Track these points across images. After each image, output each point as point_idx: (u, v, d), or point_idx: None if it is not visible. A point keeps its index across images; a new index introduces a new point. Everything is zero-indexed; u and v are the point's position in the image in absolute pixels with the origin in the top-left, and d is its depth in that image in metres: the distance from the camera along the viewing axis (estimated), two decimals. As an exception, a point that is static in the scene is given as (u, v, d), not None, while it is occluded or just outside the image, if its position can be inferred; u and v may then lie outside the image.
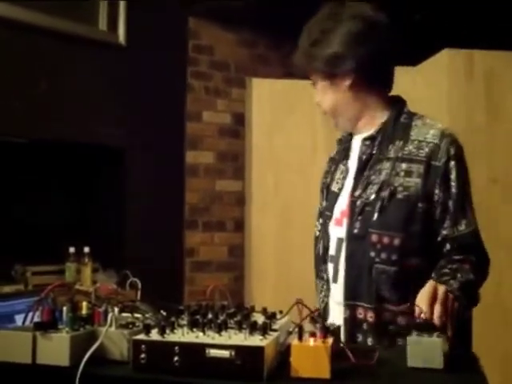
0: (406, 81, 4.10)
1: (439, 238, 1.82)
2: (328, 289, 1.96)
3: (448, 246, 1.82)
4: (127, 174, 4.06)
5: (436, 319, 1.48)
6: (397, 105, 1.98)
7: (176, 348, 1.30)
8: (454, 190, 1.82)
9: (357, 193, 1.88)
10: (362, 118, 1.95)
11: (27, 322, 1.47)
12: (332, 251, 1.93)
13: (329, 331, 1.35)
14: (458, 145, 1.89)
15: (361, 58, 1.86)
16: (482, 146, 3.71)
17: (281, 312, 1.57)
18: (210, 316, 1.45)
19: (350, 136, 2.03)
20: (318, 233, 2.06)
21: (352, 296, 1.85)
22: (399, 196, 1.80)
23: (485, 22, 4.48)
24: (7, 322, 2.04)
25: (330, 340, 1.33)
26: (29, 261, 3.54)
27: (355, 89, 1.91)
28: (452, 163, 1.84)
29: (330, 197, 2.00)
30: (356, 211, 1.85)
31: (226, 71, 4.76)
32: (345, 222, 1.89)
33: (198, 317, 1.43)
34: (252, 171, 4.58)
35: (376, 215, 1.81)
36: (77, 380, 1.29)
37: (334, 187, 1.99)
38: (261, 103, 4.57)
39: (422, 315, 1.47)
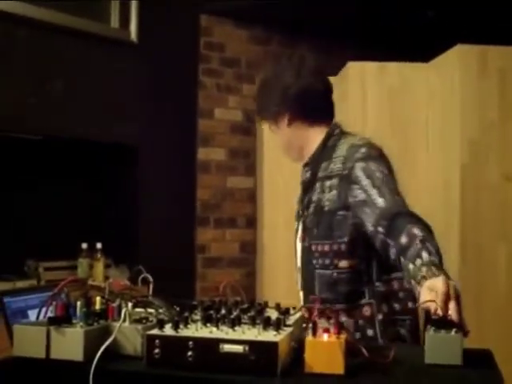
0: (419, 77, 4.09)
1: (370, 229, 1.90)
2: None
3: (380, 229, 1.86)
4: (140, 171, 4.07)
5: (454, 315, 1.47)
6: (329, 130, 2.19)
7: (190, 343, 1.30)
8: (363, 182, 1.97)
9: (303, 213, 2.17)
10: (305, 149, 2.20)
11: (41, 317, 1.48)
12: (298, 263, 2.19)
13: (343, 327, 1.35)
14: (366, 148, 2.07)
15: (291, 102, 2.16)
16: (494, 143, 3.69)
17: (294, 308, 1.56)
18: (223, 311, 1.45)
19: None
20: None
21: (308, 300, 2.10)
22: (325, 209, 2.06)
23: (498, 18, 4.46)
24: (20, 317, 2.04)
25: (344, 336, 1.32)
26: (41, 256, 3.56)
27: (294, 127, 2.19)
28: (358, 164, 2.01)
29: (296, 216, 2.27)
30: (304, 228, 2.15)
31: (238, 68, 4.76)
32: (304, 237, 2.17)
33: (211, 312, 1.43)
34: (263, 168, 4.58)
35: (314, 229, 2.08)
36: (91, 375, 1.29)
37: (298, 208, 2.26)
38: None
39: (439, 311, 1.46)
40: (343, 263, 2.02)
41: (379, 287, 2.02)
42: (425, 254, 1.69)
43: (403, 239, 1.76)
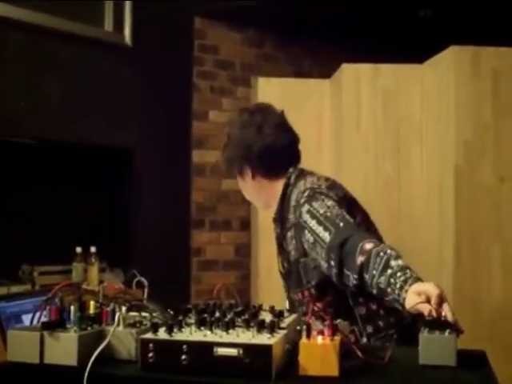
0: (413, 78, 4.10)
1: (324, 266, 1.90)
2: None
3: (333, 263, 1.84)
4: (134, 174, 4.07)
5: (449, 317, 1.47)
6: (286, 180, 2.19)
7: (184, 347, 1.30)
8: (310, 224, 1.97)
9: (282, 266, 2.22)
10: (271, 201, 2.23)
11: (35, 322, 1.47)
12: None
13: (337, 329, 1.35)
14: (308, 191, 2.06)
15: (253, 159, 2.19)
16: (488, 144, 3.70)
17: (288, 310, 1.56)
18: (217, 314, 1.45)
19: None
20: None
21: None
22: (291, 260, 2.12)
23: (492, 19, 4.47)
24: (14, 322, 2.04)
25: (339, 338, 1.32)
26: (36, 261, 3.55)
27: (257, 181, 2.22)
28: (303, 209, 2.02)
29: None
30: (284, 280, 2.23)
31: (232, 70, 4.76)
32: None
33: (205, 315, 1.43)
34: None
35: (290, 280, 2.15)
36: (85, 379, 1.29)
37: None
38: (266, 102, 4.56)
39: (433, 313, 1.46)
40: (319, 305, 2.00)
41: (358, 311, 2.03)
42: (392, 262, 1.68)
43: (359, 259, 1.74)
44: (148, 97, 4.15)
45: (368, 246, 1.75)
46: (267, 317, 1.48)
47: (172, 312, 1.51)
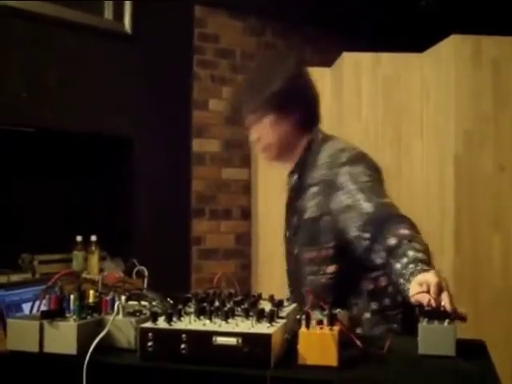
0: (413, 67, 4.09)
1: (354, 234, 1.89)
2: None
3: (366, 235, 1.85)
4: (134, 163, 4.07)
5: (448, 306, 1.47)
6: (310, 135, 2.18)
7: (183, 336, 1.30)
8: (350, 187, 1.95)
9: (289, 220, 2.19)
10: (288, 154, 2.18)
11: (34, 311, 1.47)
12: (289, 267, 2.24)
13: (336, 319, 1.35)
14: (350, 153, 2.06)
15: (280, 103, 2.11)
16: (489, 134, 3.69)
17: (288, 299, 1.56)
18: (217, 304, 1.45)
19: None
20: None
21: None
22: (311, 216, 2.06)
23: (492, 8, 4.45)
24: (14, 311, 2.04)
25: (338, 327, 1.32)
26: (36, 249, 3.55)
27: (278, 128, 2.13)
28: (343, 169, 2.00)
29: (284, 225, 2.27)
30: (292, 236, 2.17)
31: (232, 59, 4.75)
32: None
33: (205, 304, 1.43)
34: (258, 159, 4.57)
35: (302, 236, 2.10)
36: (84, 368, 1.29)
37: (287, 217, 2.25)
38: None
39: (432, 302, 1.46)
40: (330, 268, 2.03)
41: (366, 286, 2.03)
42: (411, 252, 1.69)
43: (391, 241, 1.75)
44: (148, 85, 4.14)
45: (402, 231, 1.75)
46: (267, 306, 1.48)
47: (171, 301, 1.51)
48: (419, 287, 1.56)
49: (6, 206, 3.57)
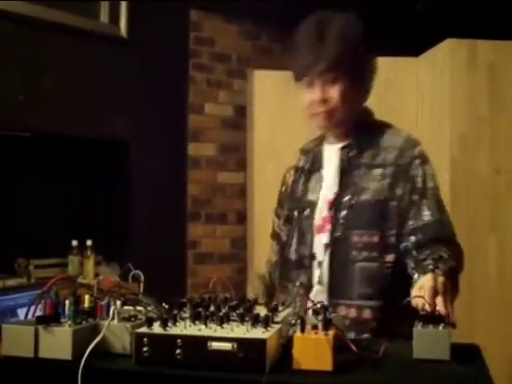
0: (409, 71, 4.10)
1: (406, 230, 1.91)
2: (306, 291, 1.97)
3: (413, 238, 1.90)
4: (130, 167, 4.06)
5: (441, 310, 1.48)
6: (366, 112, 2.13)
7: (178, 341, 1.30)
8: (418, 184, 1.95)
9: (337, 198, 1.99)
10: (346, 122, 2.04)
11: (29, 316, 1.47)
12: (320, 257, 2.00)
13: (331, 323, 1.35)
14: (421, 148, 2.03)
15: (360, 64, 2.05)
16: (484, 137, 3.71)
17: (283, 304, 1.57)
18: (212, 308, 1.45)
19: (318, 146, 2.16)
20: (284, 238, 2.16)
21: (335, 295, 1.94)
22: (375, 198, 1.95)
23: (488, 12, 4.46)
24: (10, 316, 2.04)
25: (333, 332, 1.32)
26: (32, 254, 3.54)
27: (348, 90, 2.00)
28: (416, 162, 1.98)
29: (305, 205, 2.08)
30: (337, 216, 1.97)
31: (228, 63, 4.75)
32: (327, 227, 1.99)
33: (200, 309, 1.43)
34: (254, 163, 4.58)
35: (355, 217, 1.95)
36: (79, 373, 1.29)
37: (311, 196, 2.07)
38: (263, 95, 4.56)
39: (426, 307, 1.47)
40: (390, 257, 1.92)
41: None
42: (430, 267, 1.74)
43: (423, 256, 1.82)
44: (143, 89, 4.14)
45: (444, 254, 1.82)
46: (262, 311, 1.48)
47: (167, 306, 1.51)
48: (418, 291, 1.57)
49: (2, 210, 3.57)
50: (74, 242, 3.61)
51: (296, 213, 2.10)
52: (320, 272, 1.98)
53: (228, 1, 4.49)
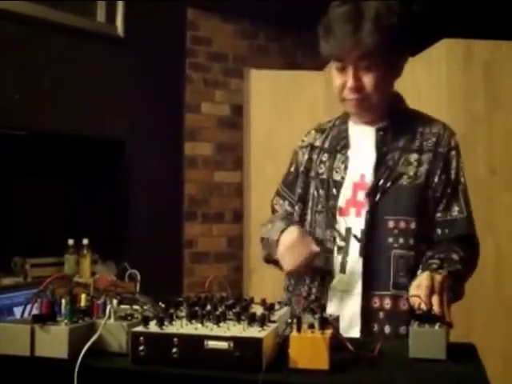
0: (405, 71, 4.09)
1: (434, 222, 1.90)
2: (324, 278, 1.91)
3: (439, 231, 1.90)
4: (126, 166, 4.06)
5: (436, 309, 1.48)
6: (398, 98, 2.08)
7: (175, 340, 1.30)
8: (452, 176, 1.94)
9: (371, 182, 1.91)
10: (379, 108, 1.97)
11: (26, 315, 1.47)
12: (340, 242, 1.91)
13: (328, 322, 1.35)
14: (456, 138, 2.00)
15: (403, 44, 1.96)
16: (481, 137, 3.71)
17: (279, 303, 1.56)
18: (208, 307, 1.45)
19: (340, 126, 2.08)
20: (296, 218, 2.05)
21: (368, 285, 1.85)
22: (412, 183, 1.88)
23: (484, 12, 4.47)
24: (6, 315, 2.04)
25: (329, 331, 1.32)
26: (28, 253, 3.54)
27: (387, 72, 1.93)
28: (453, 153, 1.96)
29: (327, 186, 1.97)
30: (371, 200, 1.88)
31: (225, 62, 4.75)
32: (352, 211, 1.91)
33: (196, 308, 1.43)
34: (251, 162, 4.58)
35: (391, 202, 1.87)
36: (75, 372, 1.29)
37: (336, 176, 1.97)
38: (259, 94, 4.56)
39: (422, 306, 1.47)
40: (423, 247, 1.87)
41: None
42: (434, 266, 1.73)
43: (432, 252, 1.81)
44: (140, 88, 4.14)
45: (454, 256, 1.81)
46: (258, 310, 1.48)
47: (163, 305, 1.51)
48: (415, 289, 1.57)
49: (-2, 209, 3.57)
50: (71, 241, 3.61)
51: (317, 192, 2.00)
52: (342, 259, 1.89)
53: (225, 0, 4.48)
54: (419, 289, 1.56)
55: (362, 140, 1.99)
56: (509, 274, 3.67)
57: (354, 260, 1.87)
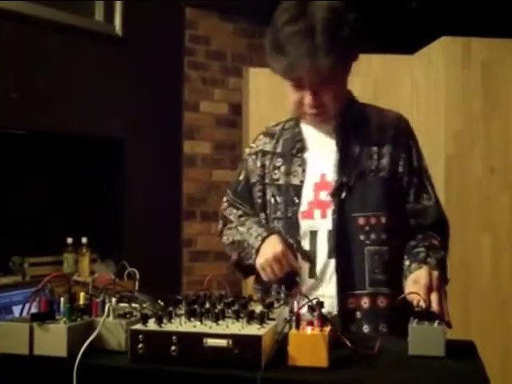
0: (404, 69, 4.10)
1: (405, 212, 1.89)
2: (289, 283, 1.84)
3: (412, 221, 1.89)
4: (125, 165, 4.06)
5: (435, 307, 1.48)
6: (349, 93, 2.00)
7: (173, 337, 1.30)
8: (415, 164, 1.93)
9: (333, 180, 1.86)
10: (336, 106, 1.90)
11: (24, 313, 1.47)
12: (305, 246, 1.87)
13: (327, 320, 1.35)
14: (411, 126, 2.00)
15: (358, 46, 1.88)
16: (479, 135, 3.71)
17: (278, 301, 1.57)
18: (207, 305, 1.45)
19: (292, 129, 2.02)
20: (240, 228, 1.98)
21: (342, 286, 1.81)
22: (376, 177, 1.86)
23: (482, 10, 4.47)
24: (5, 314, 2.04)
25: (328, 328, 1.33)
26: (27, 252, 3.54)
27: (344, 77, 1.90)
28: (411, 141, 1.95)
29: (285, 191, 1.92)
30: (337, 198, 1.84)
31: (223, 61, 4.75)
32: (317, 213, 1.87)
33: (195, 306, 1.43)
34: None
35: (358, 199, 1.84)
36: (74, 370, 1.29)
37: (294, 180, 1.91)
38: (258, 93, 4.55)
39: (421, 303, 1.47)
40: (396, 240, 1.84)
41: None
42: (422, 255, 1.74)
43: (415, 242, 1.82)
44: (139, 87, 4.14)
45: (435, 242, 1.84)
46: (257, 308, 1.48)
47: (162, 303, 1.51)
48: (412, 286, 1.57)
49: (-3, 208, 3.56)
50: (69, 240, 3.61)
51: (274, 199, 1.94)
52: (310, 264, 1.85)
53: (223, -1, 4.48)
54: (416, 285, 1.56)
55: (320, 140, 1.94)
56: (507, 271, 3.68)
57: (323, 263, 1.84)
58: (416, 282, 1.58)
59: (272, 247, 1.79)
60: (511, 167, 3.72)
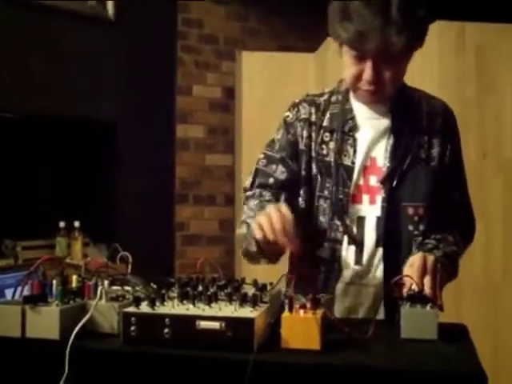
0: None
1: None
2: (330, 270, 1.79)
3: (441, 214, 1.85)
4: (118, 149, 4.05)
5: (427, 290, 1.48)
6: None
7: (166, 320, 1.30)
8: (458, 158, 1.91)
9: (384, 166, 1.81)
10: (393, 87, 1.81)
11: (17, 296, 1.47)
12: (353, 232, 1.80)
13: (319, 303, 1.35)
14: (455, 117, 1.96)
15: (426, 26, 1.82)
16: (472, 120, 3.70)
17: (271, 284, 1.57)
18: (200, 288, 1.45)
19: (342, 104, 1.90)
20: (302, 203, 1.85)
21: (389, 276, 1.70)
22: (427, 167, 1.81)
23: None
24: (-3, 297, 2.04)
25: (321, 311, 1.33)
26: (19, 235, 3.53)
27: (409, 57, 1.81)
28: (456, 133, 1.93)
29: (336, 171, 1.81)
30: (388, 185, 1.78)
31: (216, 45, 4.73)
32: (365, 198, 1.80)
33: (188, 289, 1.42)
34: (242, 145, 4.57)
35: (409, 188, 1.79)
36: (67, 353, 1.29)
37: (346, 160, 1.82)
38: (251, 76, 4.54)
39: (414, 286, 1.47)
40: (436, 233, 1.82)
41: None
42: (429, 246, 1.74)
43: (432, 233, 1.80)
44: (132, 71, 4.12)
45: (449, 237, 1.82)
46: (250, 290, 1.48)
47: (155, 286, 1.50)
48: (408, 269, 1.57)
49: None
50: (62, 224, 3.60)
51: (321, 175, 1.83)
52: (356, 250, 1.79)
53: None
54: (411, 268, 1.56)
55: (372, 121, 1.85)
56: (498, 255, 3.69)
57: (371, 250, 1.79)
58: (411, 266, 1.58)
59: (278, 208, 1.60)
60: (504, 152, 3.72)
